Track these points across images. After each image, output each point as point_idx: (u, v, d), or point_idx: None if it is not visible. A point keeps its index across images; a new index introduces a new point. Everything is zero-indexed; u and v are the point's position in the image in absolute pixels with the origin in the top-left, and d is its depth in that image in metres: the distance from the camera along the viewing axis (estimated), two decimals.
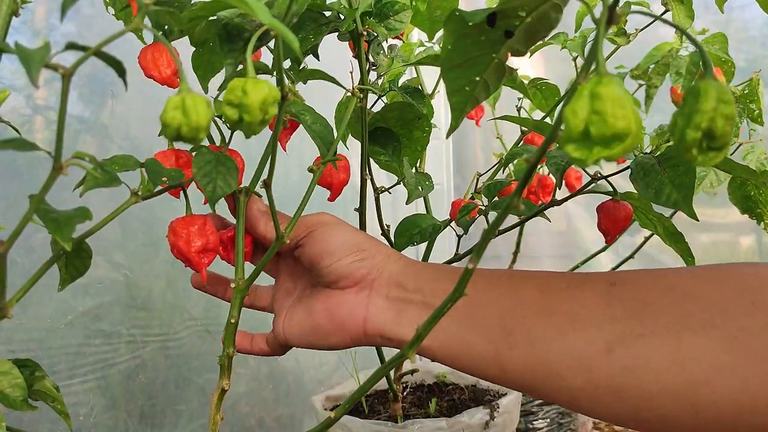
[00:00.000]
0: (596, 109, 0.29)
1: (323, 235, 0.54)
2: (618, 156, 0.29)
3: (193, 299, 0.91)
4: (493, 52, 0.37)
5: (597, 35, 0.30)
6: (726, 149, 0.32)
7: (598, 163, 0.33)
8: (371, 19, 0.56)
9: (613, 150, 0.29)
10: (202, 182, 0.46)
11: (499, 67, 0.38)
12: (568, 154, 0.29)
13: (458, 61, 0.37)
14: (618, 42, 0.78)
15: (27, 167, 0.70)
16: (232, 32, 0.45)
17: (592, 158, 0.29)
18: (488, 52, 0.37)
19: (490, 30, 0.36)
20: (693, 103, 0.32)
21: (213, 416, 0.54)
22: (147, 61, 0.51)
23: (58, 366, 0.72)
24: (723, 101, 0.31)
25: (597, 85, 0.29)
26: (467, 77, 0.38)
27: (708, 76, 0.32)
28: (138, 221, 0.83)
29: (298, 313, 0.56)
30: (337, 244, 0.53)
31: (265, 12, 0.35)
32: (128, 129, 0.84)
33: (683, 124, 0.32)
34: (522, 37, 0.36)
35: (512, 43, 0.36)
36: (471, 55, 0.37)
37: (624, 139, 0.29)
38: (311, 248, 0.54)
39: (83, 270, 0.51)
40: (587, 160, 0.29)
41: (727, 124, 0.31)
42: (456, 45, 0.36)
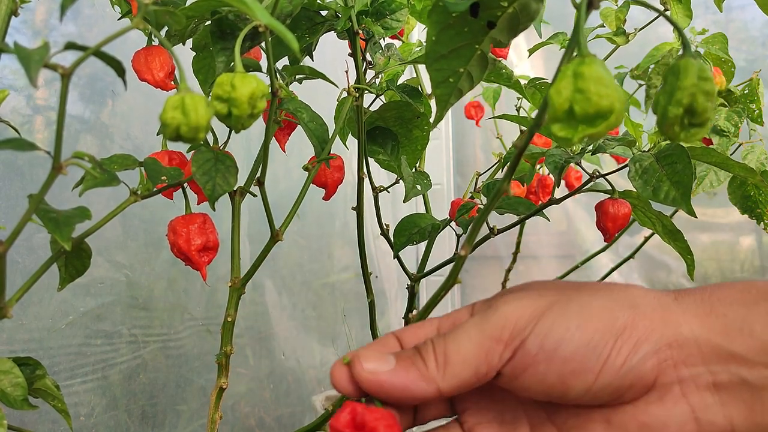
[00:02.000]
0: (579, 88, 0.29)
1: (545, 346, 0.32)
2: (603, 134, 0.29)
3: (193, 299, 0.91)
4: (476, 43, 0.37)
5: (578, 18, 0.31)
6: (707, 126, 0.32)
7: (582, 141, 0.33)
8: (368, 18, 0.56)
9: (598, 127, 0.29)
10: (201, 181, 0.46)
11: (482, 58, 0.38)
12: (553, 134, 0.30)
13: (442, 52, 0.37)
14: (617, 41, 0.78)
15: (27, 167, 0.70)
16: (225, 30, 0.46)
17: (577, 136, 0.29)
18: (471, 43, 0.37)
19: (473, 21, 0.36)
20: (674, 81, 0.32)
21: (212, 415, 0.54)
22: (140, 64, 0.51)
23: (58, 366, 0.72)
24: (703, 78, 0.32)
25: (580, 65, 0.29)
26: (451, 68, 0.38)
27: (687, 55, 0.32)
28: (139, 221, 0.83)
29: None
30: (579, 348, 0.32)
31: (264, 11, 0.35)
32: (129, 129, 0.84)
33: (665, 102, 0.32)
34: (504, 27, 0.37)
35: (495, 33, 0.37)
36: (454, 46, 0.37)
37: (608, 116, 0.29)
38: (535, 375, 0.33)
39: (83, 270, 0.51)
40: (572, 138, 0.29)
41: (708, 100, 0.32)
42: (440, 36, 0.37)
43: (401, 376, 0.33)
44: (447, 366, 0.33)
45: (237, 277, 0.56)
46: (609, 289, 0.34)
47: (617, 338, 0.32)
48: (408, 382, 0.33)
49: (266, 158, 0.52)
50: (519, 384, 0.33)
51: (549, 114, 0.30)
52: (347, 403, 0.33)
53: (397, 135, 0.65)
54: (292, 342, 1.11)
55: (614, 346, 0.32)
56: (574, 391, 0.32)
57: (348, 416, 0.33)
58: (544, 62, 1.42)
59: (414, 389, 0.33)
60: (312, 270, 1.19)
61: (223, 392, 0.55)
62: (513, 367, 0.33)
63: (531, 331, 0.33)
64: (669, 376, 0.32)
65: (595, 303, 0.33)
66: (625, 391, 0.32)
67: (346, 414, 0.33)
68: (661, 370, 0.32)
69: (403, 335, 0.37)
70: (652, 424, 0.32)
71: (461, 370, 0.33)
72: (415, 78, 0.82)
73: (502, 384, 0.34)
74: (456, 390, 0.33)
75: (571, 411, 0.35)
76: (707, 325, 0.32)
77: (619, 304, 0.33)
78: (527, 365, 0.33)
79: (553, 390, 0.33)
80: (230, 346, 0.56)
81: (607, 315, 0.32)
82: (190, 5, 0.46)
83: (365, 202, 0.69)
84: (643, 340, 0.32)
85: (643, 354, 0.32)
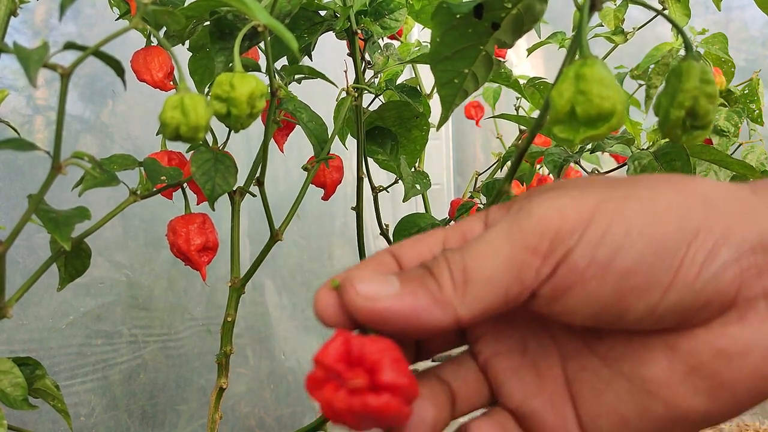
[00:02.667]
0: (581, 90, 0.29)
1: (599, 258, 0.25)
2: (604, 135, 0.29)
3: (194, 299, 0.91)
4: (481, 44, 0.37)
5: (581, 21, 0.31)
6: (709, 128, 0.33)
7: (584, 143, 0.33)
8: (366, 17, 0.56)
9: (599, 129, 0.29)
10: (200, 181, 0.47)
11: (487, 59, 0.38)
12: (554, 136, 0.30)
13: (447, 53, 0.37)
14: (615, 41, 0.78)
15: (27, 167, 0.70)
16: (224, 30, 0.46)
17: (578, 138, 0.29)
18: (476, 44, 0.37)
19: (477, 22, 0.36)
20: (676, 83, 0.32)
21: (212, 415, 0.54)
22: (139, 65, 0.52)
23: (59, 366, 0.73)
24: (705, 81, 0.32)
25: (582, 67, 0.29)
26: (456, 69, 0.38)
27: (690, 58, 0.32)
28: (139, 221, 0.83)
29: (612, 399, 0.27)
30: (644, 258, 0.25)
31: (263, 11, 0.35)
32: (129, 129, 0.84)
33: (667, 104, 0.32)
34: (508, 28, 0.37)
35: (499, 34, 0.37)
36: (459, 47, 0.37)
37: (609, 118, 0.29)
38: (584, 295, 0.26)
39: (82, 270, 0.51)
40: (574, 139, 0.29)
41: (710, 102, 0.32)
42: (444, 37, 0.37)
43: (408, 301, 0.25)
44: (468, 286, 0.25)
45: (237, 277, 0.56)
46: (672, 182, 0.27)
47: (690, 243, 0.25)
48: (418, 309, 0.25)
49: (266, 158, 0.52)
50: (560, 308, 0.26)
51: (550, 115, 0.30)
52: (339, 332, 0.26)
53: (396, 135, 0.65)
54: (292, 342, 1.11)
55: (687, 253, 0.25)
56: (634, 314, 0.25)
57: (340, 348, 0.25)
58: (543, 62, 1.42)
59: (426, 318, 0.25)
60: (312, 270, 1.19)
61: (223, 392, 0.56)
62: (554, 286, 0.25)
63: (579, 239, 0.25)
64: (753, 288, 0.25)
65: (659, 199, 0.26)
66: (699, 310, 0.25)
67: (337, 345, 0.25)
68: (743, 281, 0.25)
69: (400, 252, 0.29)
70: (731, 349, 0.25)
71: (486, 291, 0.25)
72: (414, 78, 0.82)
73: (537, 308, 0.26)
74: (479, 317, 0.26)
75: (620, 338, 0.27)
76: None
77: (690, 200, 0.26)
78: (573, 283, 0.25)
79: (605, 313, 0.25)
80: (230, 346, 0.56)
81: (677, 214, 0.25)
82: (189, 5, 0.46)
83: (365, 201, 0.69)
84: (721, 245, 0.25)
85: (723, 262, 0.25)
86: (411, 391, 0.25)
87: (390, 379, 0.25)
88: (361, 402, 0.24)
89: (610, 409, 0.27)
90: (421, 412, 0.27)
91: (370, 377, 0.25)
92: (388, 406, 0.24)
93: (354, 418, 0.25)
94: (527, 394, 0.29)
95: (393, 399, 0.25)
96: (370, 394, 0.25)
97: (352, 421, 0.25)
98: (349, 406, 0.25)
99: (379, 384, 0.25)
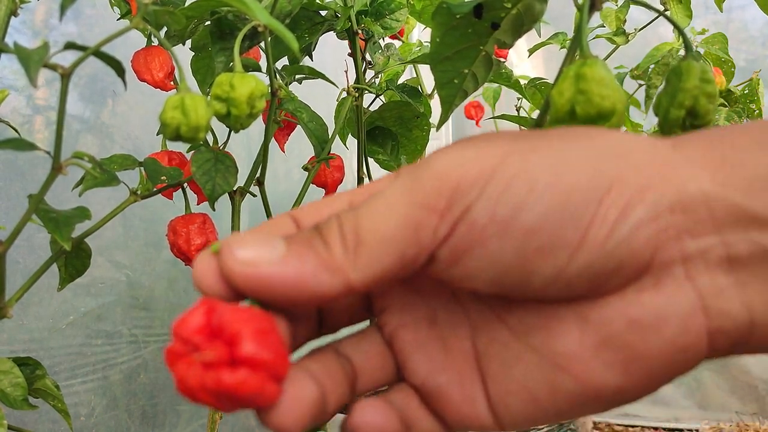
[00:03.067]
0: (581, 89, 0.29)
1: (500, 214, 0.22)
2: None
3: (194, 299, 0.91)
4: (481, 44, 0.37)
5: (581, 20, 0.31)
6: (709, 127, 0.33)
7: None
8: (367, 17, 0.56)
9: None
10: (201, 181, 0.46)
11: (487, 59, 0.38)
12: None
13: (447, 53, 0.37)
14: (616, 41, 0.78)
15: (28, 167, 0.70)
16: (224, 30, 0.46)
17: None
18: (476, 44, 0.37)
19: (477, 22, 0.36)
20: (676, 83, 0.32)
21: (211, 415, 0.54)
22: (140, 65, 0.52)
23: (59, 366, 0.73)
24: (705, 80, 0.32)
25: (582, 67, 0.29)
26: (456, 70, 0.38)
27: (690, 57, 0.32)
28: (139, 221, 0.83)
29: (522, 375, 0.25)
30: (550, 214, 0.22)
31: (263, 11, 0.35)
32: (129, 129, 0.84)
33: (667, 104, 0.32)
34: (508, 28, 0.37)
35: (499, 34, 0.37)
36: (459, 47, 0.37)
37: (609, 117, 0.29)
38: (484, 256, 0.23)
39: (83, 269, 0.51)
40: None
41: (710, 102, 0.32)
42: (444, 38, 0.37)
43: (293, 266, 0.22)
44: (360, 249, 0.23)
45: None
46: (587, 134, 0.24)
47: (602, 199, 0.22)
48: (305, 275, 0.22)
49: (266, 158, 0.52)
50: (460, 271, 0.23)
51: (551, 115, 0.30)
52: (204, 300, 0.23)
53: (396, 135, 0.65)
54: None
55: (598, 210, 0.22)
56: (540, 278, 0.23)
57: (201, 318, 0.22)
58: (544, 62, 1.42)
59: (313, 284, 0.23)
60: None
61: None
62: (453, 247, 0.23)
63: (479, 194, 0.22)
64: (670, 251, 0.22)
65: (570, 151, 0.23)
66: (611, 274, 0.23)
67: (198, 314, 0.22)
68: (659, 243, 0.22)
69: (301, 215, 0.27)
70: (645, 319, 0.23)
71: (380, 253, 0.23)
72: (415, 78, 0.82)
73: (437, 273, 0.24)
74: (373, 282, 0.23)
75: (530, 309, 0.25)
76: (720, 179, 0.22)
77: (604, 153, 0.23)
78: (473, 243, 0.22)
79: (508, 277, 0.23)
80: None
81: (588, 167, 0.23)
82: (189, 5, 0.46)
83: None
84: (636, 202, 0.22)
85: (637, 220, 0.22)
86: (277, 367, 0.22)
87: (249, 353, 0.21)
88: (214, 378, 0.21)
89: (520, 385, 0.25)
90: (298, 390, 0.23)
91: (228, 350, 0.22)
92: (245, 384, 0.21)
93: (210, 396, 0.22)
94: (433, 369, 0.26)
95: (252, 375, 0.21)
96: (225, 370, 0.21)
97: (209, 399, 0.22)
98: (201, 383, 0.22)
99: (237, 358, 0.21)
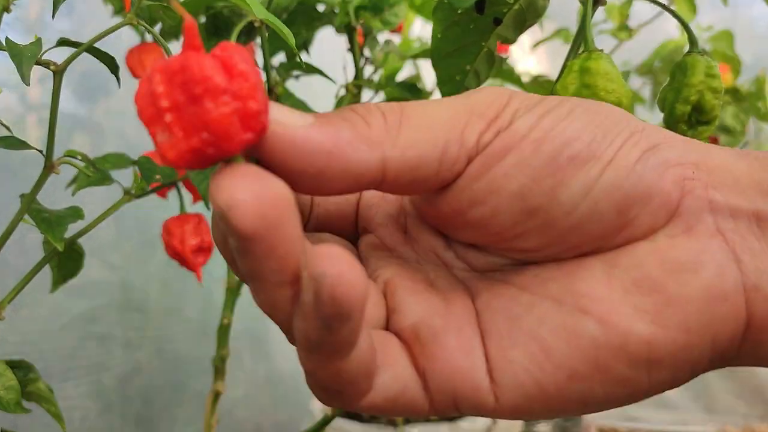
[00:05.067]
0: (586, 83, 0.29)
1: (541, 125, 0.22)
2: None
3: (189, 301, 0.90)
4: (483, 41, 0.36)
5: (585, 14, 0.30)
6: (714, 123, 0.32)
7: None
8: (366, 12, 0.55)
9: None
10: (196, 180, 0.46)
11: (489, 55, 0.37)
12: None
13: (448, 50, 0.37)
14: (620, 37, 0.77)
15: (20, 166, 0.69)
16: (220, 26, 0.45)
17: None
18: (478, 40, 0.36)
19: (478, 17, 0.35)
20: (681, 78, 0.32)
21: (207, 420, 0.53)
22: (134, 61, 0.51)
23: (51, 369, 0.72)
24: (710, 75, 0.31)
25: (587, 61, 0.29)
26: (458, 66, 0.37)
27: (694, 52, 0.32)
28: (133, 221, 0.82)
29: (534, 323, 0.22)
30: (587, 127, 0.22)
31: (259, 6, 0.34)
32: (123, 127, 0.84)
33: (672, 99, 0.32)
34: (511, 24, 0.36)
35: (501, 30, 0.36)
36: (461, 43, 0.36)
37: None
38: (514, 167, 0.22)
39: (76, 271, 0.50)
40: None
41: (715, 97, 0.31)
42: (445, 34, 0.36)
43: (328, 133, 0.20)
44: (403, 128, 0.21)
45: (233, 278, 0.55)
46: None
47: (634, 132, 0.22)
48: (340, 142, 0.20)
49: None
50: (485, 184, 0.22)
51: None
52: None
53: None
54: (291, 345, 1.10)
55: (630, 138, 0.22)
56: (568, 192, 0.21)
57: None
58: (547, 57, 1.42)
59: (349, 152, 0.20)
60: None
61: (220, 397, 0.55)
62: (489, 154, 0.21)
63: (526, 111, 0.22)
64: (699, 199, 0.22)
65: (603, 106, 0.23)
66: (638, 205, 0.21)
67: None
68: (686, 189, 0.22)
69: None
70: (681, 258, 0.21)
71: (424, 138, 0.21)
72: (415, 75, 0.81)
73: (453, 198, 0.22)
74: (408, 169, 0.21)
75: (547, 265, 0.23)
76: (742, 160, 0.22)
77: (632, 117, 0.23)
78: (509, 149, 0.21)
79: (534, 189, 0.21)
80: (227, 349, 0.55)
81: (619, 116, 0.23)
82: (184, 0, 0.45)
83: None
84: (664, 147, 0.22)
85: (665, 159, 0.22)
86: (255, 88, 0.18)
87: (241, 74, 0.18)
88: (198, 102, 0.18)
89: (529, 336, 0.22)
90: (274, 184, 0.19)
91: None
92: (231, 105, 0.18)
93: (191, 131, 0.18)
94: (429, 312, 0.23)
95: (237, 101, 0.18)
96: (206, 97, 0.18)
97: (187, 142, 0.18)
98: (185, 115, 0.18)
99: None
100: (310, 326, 0.19)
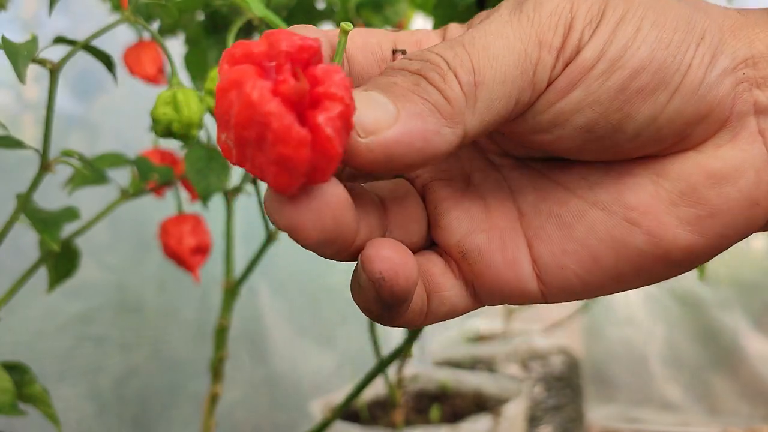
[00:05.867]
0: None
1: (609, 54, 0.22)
2: None
3: (186, 302, 0.90)
4: None
5: None
6: None
7: None
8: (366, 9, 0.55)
9: None
10: (194, 179, 0.45)
11: None
12: None
13: None
14: None
15: (16, 166, 0.69)
16: (218, 24, 0.45)
17: None
18: None
19: None
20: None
21: (205, 422, 0.53)
22: (131, 59, 0.51)
23: (47, 371, 0.71)
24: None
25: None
26: None
27: None
28: (129, 222, 0.82)
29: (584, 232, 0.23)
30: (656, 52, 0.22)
31: (258, 4, 0.34)
32: (120, 126, 0.83)
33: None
34: None
35: None
36: None
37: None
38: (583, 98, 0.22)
39: (72, 271, 0.50)
40: None
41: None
42: None
43: (414, 125, 0.19)
44: (480, 91, 0.20)
45: (231, 279, 0.55)
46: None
47: (699, 44, 0.22)
48: (427, 134, 0.19)
49: None
50: (551, 116, 0.22)
51: None
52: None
53: None
54: (289, 346, 1.09)
55: (696, 52, 0.22)
56: (634, 123, 0.21)
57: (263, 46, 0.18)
58: None
59: (434, 145, 0.19)
60: (309, 272, 1.17)
61: (218, 399, 0.54)
62: (556, 89, 0.21)
63: (592, 33, 0.21)
64: (745, 103, 0.22)
65: (669, 9, 0.22)
66: (697, 123, 0.22)
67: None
68: (737, 94, 0.22)
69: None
70: (724, 170, 0.22)
71: (500, 96, 0.20)
72: None
73: (518, 125, 0.22)
74: (483, 133, 0.21)
75: (594, 168, 0.23)
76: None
77: (692, 5, 0.23)
78: (577, 82, 0.21)
79: (601, 121, 0.21)
80: (224, 350, 0.55)
81: (683, 12, 0.22)
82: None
83: None
84: (720, 52, 0.22)
85: (723, 69, 0.22)
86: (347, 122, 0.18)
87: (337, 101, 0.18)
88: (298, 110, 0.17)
89: (580, 244, 0.23)
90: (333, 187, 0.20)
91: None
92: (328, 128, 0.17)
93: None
94: (472, 228, 0.24)
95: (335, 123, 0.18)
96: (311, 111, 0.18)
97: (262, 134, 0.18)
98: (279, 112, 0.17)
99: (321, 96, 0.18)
100: (372, 306, 0.21)
